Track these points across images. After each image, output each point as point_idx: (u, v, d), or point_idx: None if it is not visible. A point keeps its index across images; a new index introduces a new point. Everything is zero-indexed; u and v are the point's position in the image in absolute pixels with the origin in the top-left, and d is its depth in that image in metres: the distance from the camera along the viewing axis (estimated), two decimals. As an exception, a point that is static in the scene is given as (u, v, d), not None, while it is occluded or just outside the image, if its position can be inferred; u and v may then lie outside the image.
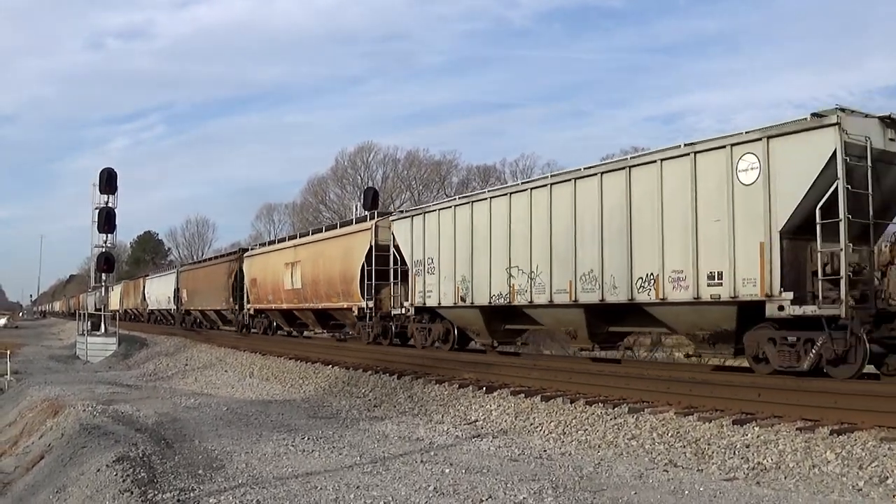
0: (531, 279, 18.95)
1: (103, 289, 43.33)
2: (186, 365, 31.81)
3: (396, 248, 25.25)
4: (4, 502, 12.54)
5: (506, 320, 21.20)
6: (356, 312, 27.74)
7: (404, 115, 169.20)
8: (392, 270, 25.50)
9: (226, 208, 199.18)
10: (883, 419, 10.69)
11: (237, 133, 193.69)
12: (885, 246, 13.37)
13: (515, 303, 19.63)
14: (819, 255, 12.96)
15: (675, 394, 13.76)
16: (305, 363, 25.28)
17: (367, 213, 31.59)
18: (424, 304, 23.44)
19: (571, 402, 14.52)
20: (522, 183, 21.52)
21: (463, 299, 21.52)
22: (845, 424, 10.84)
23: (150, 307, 62.89)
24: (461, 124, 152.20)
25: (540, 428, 13.74)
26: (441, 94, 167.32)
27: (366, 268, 26.57)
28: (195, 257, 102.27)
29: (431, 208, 23.80)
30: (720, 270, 14.39)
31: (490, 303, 20.53)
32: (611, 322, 17.96)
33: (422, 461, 11.08)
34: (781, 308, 13.35)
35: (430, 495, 8.98)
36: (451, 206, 22.52)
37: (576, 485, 9.48)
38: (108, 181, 40.08)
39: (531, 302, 19.02)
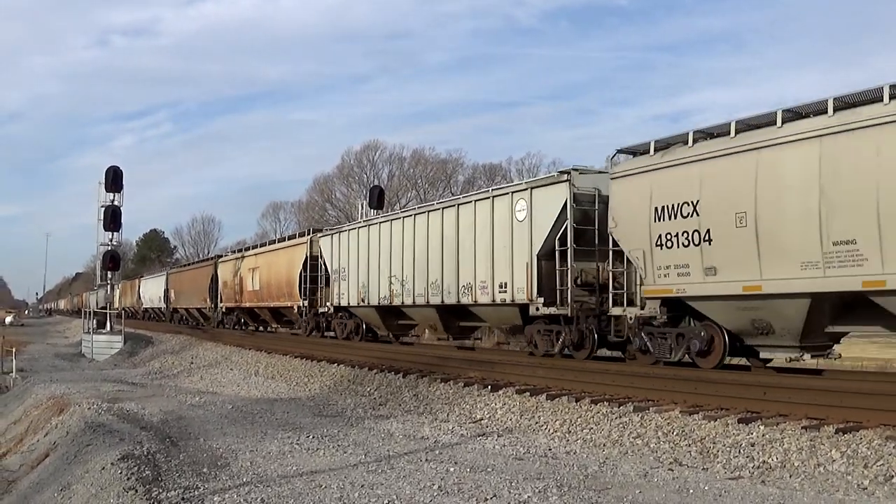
0: (403, 286, 24.77)
1: (109, 287, 43.41)
2: (192, 363, 31.87)
3: (323, 259, 31.39)
4: (9, 500, 12.58)
5: (394, 317, 26.97)
6: (296, 310, 33.96)
7: (410, 113, 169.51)
8: (321, 277, 31.81)
9: (232, 206, 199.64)
10: (888, 418, 10.65)
11: (243, 131, 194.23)
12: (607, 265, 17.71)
13: (394, 303, 25.68)
14: (558, 271, 18.39)
15: (680, 392, 13.74)
16: (311, 361, 25.31)
17: (373, 210, 32.92)
18: (340, 304, 29.60)
19: (577, 401, 14.50)
20: (401, 211, 27.77)
21: (363, 300, 27.55)
22: (850, 423, 10.81)
23: (144, 305, 67.25)
24: (467, 123, 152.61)
25: (545, 426, 13.73)
26: (447, 92, 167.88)
27: (302, 274, 32.70)
28: (201, 255, 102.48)
29: (344, 229, 30.01)
30: (506, 282, 19.83)
31: (379, 303, 26.47)
32: (458, 318, 23.33)
33: (426, 460, 11.08)
34: (538, 309, 18.81)
35: (435, 494, 8.98)
36: (356, 228, 28.65)
37: (580, 483, 9.47)
38: (114, 179, 40.25)
39: (403, 303, 25.04)
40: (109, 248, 41.29)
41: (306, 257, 32.43)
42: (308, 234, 33.66)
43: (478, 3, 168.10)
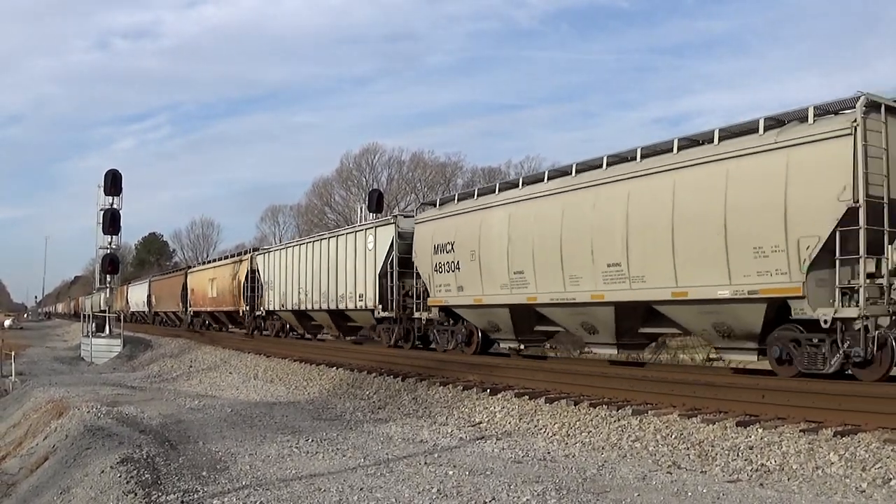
0: (308, 295, 31.84)
1: (108, 290, 43.42)
2: (191, 367, 31.92)
3: (259, 273, 38.16)
4: (9, 503, 12.58)
5: (305, 319, 34.17)
6: (240, 314, 40.85)
7: (411, 115, 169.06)
8: (258, 287, 38.24)
9: (232, 209, 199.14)
10: (886, 421, 10.67)
11: (244, 134, 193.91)
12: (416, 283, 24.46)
13: (302, 308, 32.86)
14: (388, 287, 25.63)
15: (679, 396, 13.76)
16: (310, 365, 25.35)
17: (373, 213, 34.87)
18: (269, 308, 36.82)
19: (575, 404, 14.53)
20: (306, 238, 34.86)
21: (283, 305, 34.87)
22: (848, 426, 10.83)
23: (131, 309, 71.49)
24: (468, 125, 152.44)
25: (544, 430, 13.75)
26: (448, 94, 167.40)
27: (245, 284, 39.32)
28: (200, 259, 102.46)
29: (272, 250, 38.02)
30: (362, 293, 27.24)
31: (292, 308, 33.77)
32: (343, 320, 30.61)
33: (425, 463, 11.09)
34: (379, 312, 26.12)
35: (434, 497, 8.99)
36: (280, 249, 36.49)
37: (579, 487, 9.48)
38: (114, 182, 40.27)
39: (309, 308, 32.17)
40: (109, 251, 41.26)
41: (248, 271, 39.26)
42: (250, 252, 40.99)
43: (479, 5, 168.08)
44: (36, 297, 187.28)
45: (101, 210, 40.42)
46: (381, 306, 25.85)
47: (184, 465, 11.05)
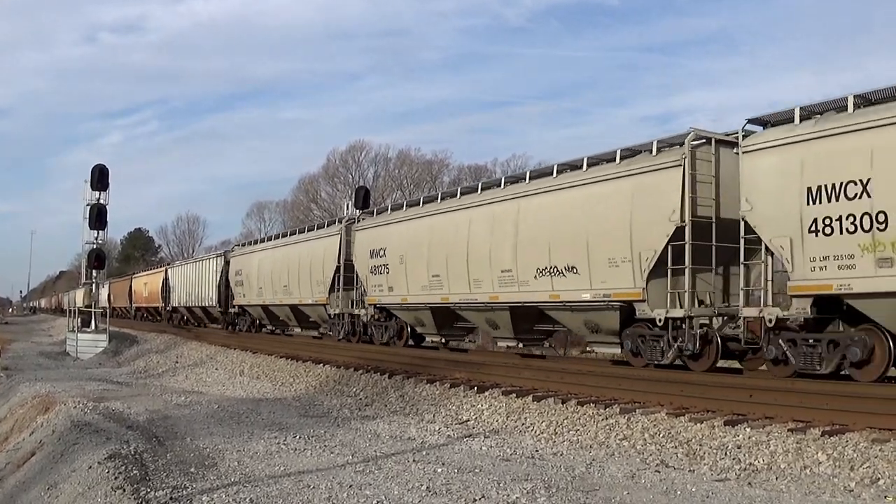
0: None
1: (94, 285, 43.22)
2: (177, 362, 31.81)
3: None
4: (-5, 499, 12.52)
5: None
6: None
7: (400, 112, 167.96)
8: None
9: (218, 205, 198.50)
10: (874, 420, 10.74)
11: (232, 129, 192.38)
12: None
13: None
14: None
15: (667, 394, 13.82)
16: (296, 361, 25.31)
17: (358, 210, 33.61)
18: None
19: (563, 403, 14.56)
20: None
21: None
22: (836, 426, 10.89)
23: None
24: (458, 122, 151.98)
25: (531, 428, 13.77)
26: (437, 91, 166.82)
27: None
28: (185, 255, 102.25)
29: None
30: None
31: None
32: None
33: (414, 460, 11.09)
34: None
35: (423, 494, 8.99)
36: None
37: (568, 485, 9.49)
38: (100, 178, 39.98)
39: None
40: (95, 246, 41.08)
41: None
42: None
43: (468, 2, 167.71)
44: (21, 292, 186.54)
45: (88, 205, 40.18)
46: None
47: (172, 461, 11.01)
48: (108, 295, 67.39)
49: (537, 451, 12.05)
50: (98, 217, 40.04)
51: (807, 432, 10.83)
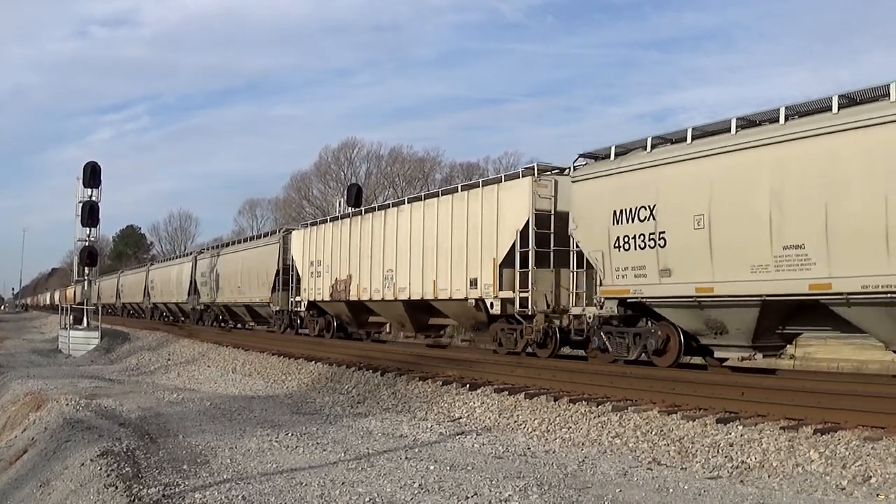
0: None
1: (86, 282, 43.17)
2: (169, 360, 31.77)
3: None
4: (-13, 496, 12.49)
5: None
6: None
7: (393, 109, 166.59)
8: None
9: (211, 202, 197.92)
10: (866, 419, 10.78)
11: (224, 125, 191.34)
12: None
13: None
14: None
15: (659, 392, 13.83)
16: (288, 359, 25.28)
17: (350, 207, 33.96)
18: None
19: (555, 400, 14.57)
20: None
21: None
22: (829, 424, 10.92)
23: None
24: (450, 119, 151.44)
25: (524, 425, 13.78)
26: (430, 87, 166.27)
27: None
28: (177, 252, 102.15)
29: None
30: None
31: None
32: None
33: (406, 458, 11.09)
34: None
35: (416, 492, 8.99)
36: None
37: (560, 482, 9.51)
38: (92, 175, 39.91)
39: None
40: (87, 243, 41.00)
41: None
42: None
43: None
44: (13, 289, 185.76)
45: (80, 202, 40.12)
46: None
47: (164, 458, 10.99)
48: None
49: (529, 448, 12.06)
50: (90, 214, 39.98)
51: (799, 430, 10.85)
